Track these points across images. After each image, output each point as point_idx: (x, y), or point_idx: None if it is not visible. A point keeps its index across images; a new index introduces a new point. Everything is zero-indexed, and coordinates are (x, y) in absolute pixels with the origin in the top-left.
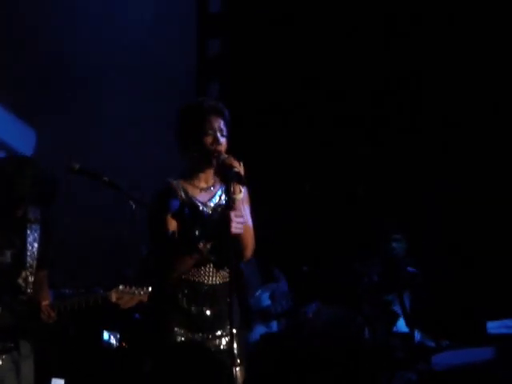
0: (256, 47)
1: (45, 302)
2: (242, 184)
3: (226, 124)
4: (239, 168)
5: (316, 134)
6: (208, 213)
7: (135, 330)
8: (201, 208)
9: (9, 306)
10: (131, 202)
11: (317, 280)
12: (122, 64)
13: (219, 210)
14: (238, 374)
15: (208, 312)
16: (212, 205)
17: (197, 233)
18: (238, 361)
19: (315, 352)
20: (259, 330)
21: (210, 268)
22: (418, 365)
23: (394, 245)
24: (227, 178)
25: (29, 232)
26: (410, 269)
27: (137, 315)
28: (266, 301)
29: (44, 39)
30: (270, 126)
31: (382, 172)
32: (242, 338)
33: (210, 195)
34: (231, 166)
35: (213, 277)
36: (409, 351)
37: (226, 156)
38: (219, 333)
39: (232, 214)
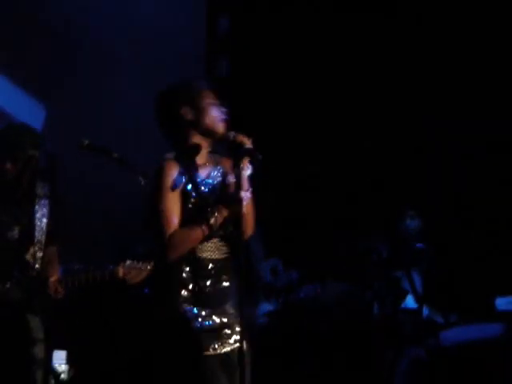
0: (265, 26)
1: (52, 278)
2: (256, 160)
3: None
4: (249, 144)
5: (325, 113)
6: (205, 190)
7: (145, 304)
8: (200, 184)
9: (18, 281)
10: (141, 178)
11: (326, 256)
12: (132, 41)
13: (217, 187)
14: (245, 349)
15: (213, 287)
16: (210, 182)
17: (208, 209)
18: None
19: (324, 327)
20: (262, 307)
21: (213, 243)
22: (427, 341)
23: (409, 222)
24: (239, 155)
25: (37, 207)
26: (418, 245)
27: (146, 290)
28: (267, 276)
29: (55, 16)
30: (278, 104)
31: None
32: (245, 314)
33: (207, 172)
34: (243, 143)
35: (215, 252)
36: (417, 327)
37: (234, 133)
38: (225, 308)
39: (243, 193)
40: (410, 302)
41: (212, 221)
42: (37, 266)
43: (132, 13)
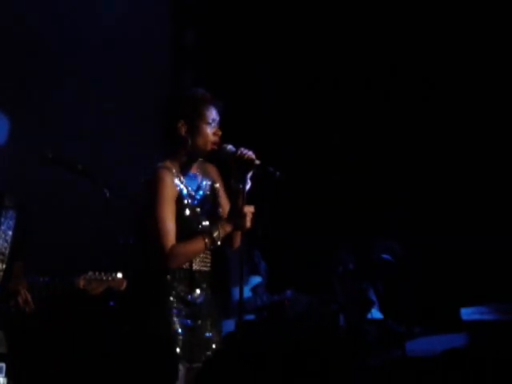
0: (231, 37)
1: (22, 289)
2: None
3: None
4: (257, 160)
5: (292, 128)
6: (195, 203)
7: (111, 318)
8: (192, 196)
9: None
10: (106, 191)
11: (292, 267)
12: (97, 53)
13: (207, 196)
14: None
15: (203, 299)
16: (201, 193)
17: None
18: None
19: (289, 339)
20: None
21: (202, 255)
22: (392, 351)
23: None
24: (246, 171)
25: (3, 219)
26: (384, 256)
27: (111, 303)
28: (246, 293)
29: (19, 27)
30: (243, 115)
31: (360, 161)
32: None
33: (198, 182)
34: (252, 160)
35: (202, 264)
36: (383, 338)
37: (232, 146)
38: (210, 319)
39: (247, 208)
40: (376, 312)
41: (215, 234)
42: None
43: (93, 24)
